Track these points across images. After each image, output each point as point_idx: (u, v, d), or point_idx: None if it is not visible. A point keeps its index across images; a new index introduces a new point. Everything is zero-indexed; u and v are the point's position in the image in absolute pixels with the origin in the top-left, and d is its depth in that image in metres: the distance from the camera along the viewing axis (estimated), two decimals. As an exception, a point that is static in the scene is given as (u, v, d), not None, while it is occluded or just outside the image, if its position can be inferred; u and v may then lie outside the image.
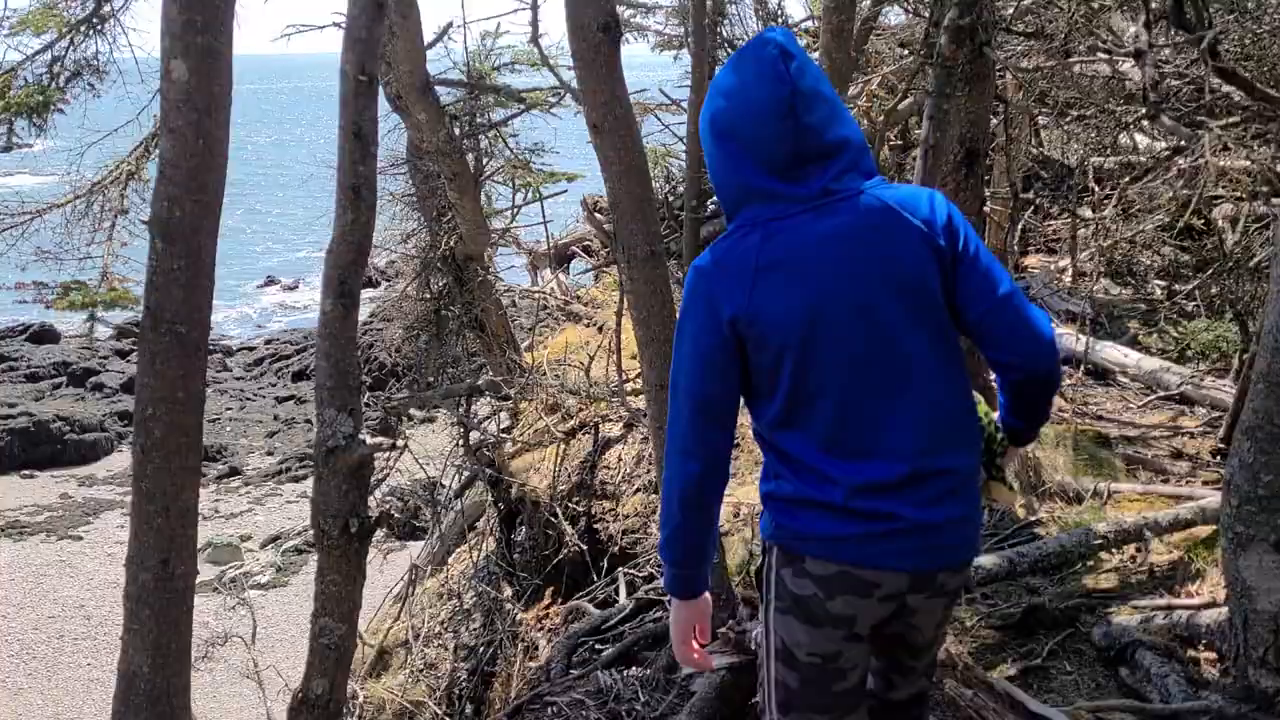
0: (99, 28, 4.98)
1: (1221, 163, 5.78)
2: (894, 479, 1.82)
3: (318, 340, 2.59)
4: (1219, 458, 4.96)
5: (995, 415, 2.06)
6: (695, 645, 2.01)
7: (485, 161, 6.78)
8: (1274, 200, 4.75)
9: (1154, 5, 3.13)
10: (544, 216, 7.84)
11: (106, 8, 4.99)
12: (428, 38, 6.22)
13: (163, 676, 2.76)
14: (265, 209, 37.21)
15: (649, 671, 3.96)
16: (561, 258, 10.19)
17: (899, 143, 9.34)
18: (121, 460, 15.52)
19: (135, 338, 18.91)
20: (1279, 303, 2.49)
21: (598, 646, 4.48)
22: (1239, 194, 5.30)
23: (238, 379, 19.52)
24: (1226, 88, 3.54)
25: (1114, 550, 4.04)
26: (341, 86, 2.57)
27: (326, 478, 2.61)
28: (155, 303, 2.61)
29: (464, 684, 6.32)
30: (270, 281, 28.04)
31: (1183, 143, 4.46)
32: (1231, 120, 3.46)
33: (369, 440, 2.59)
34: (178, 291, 2.60)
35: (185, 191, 2.51)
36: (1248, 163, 5.44)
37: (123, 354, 19.52)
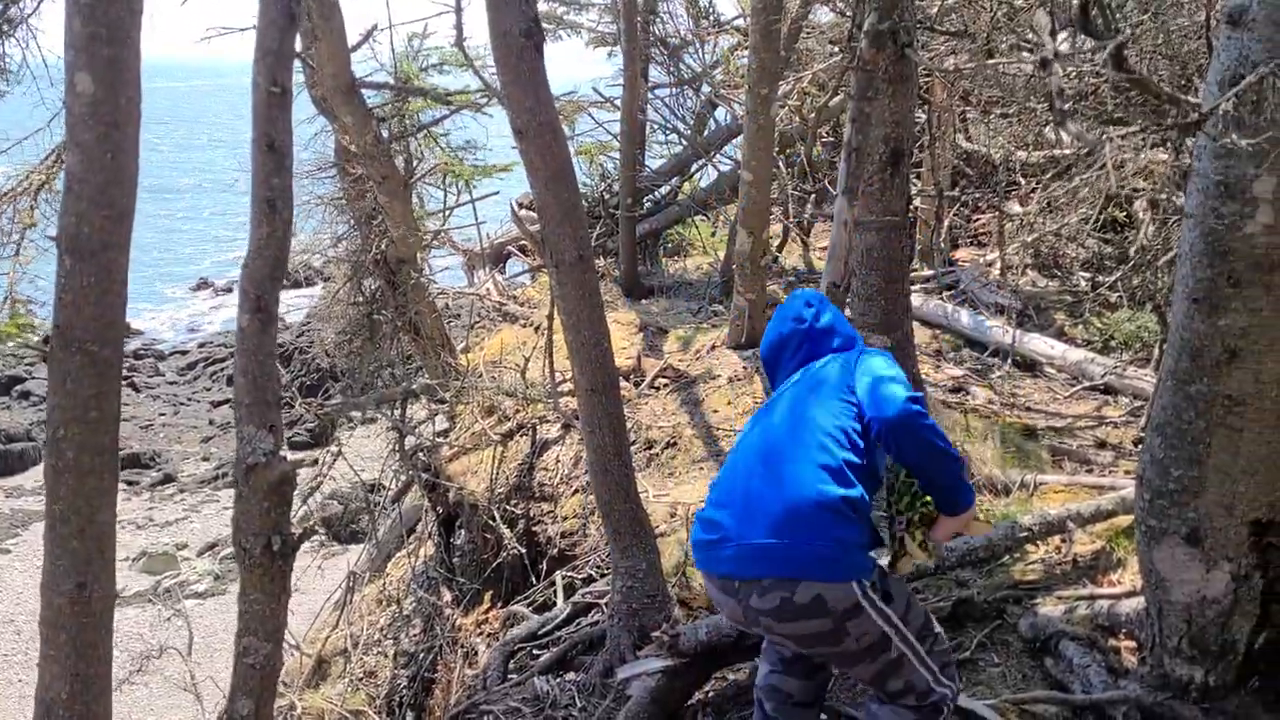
0: (8, 31, 4.82)
1: (1140, 157, 5.91)
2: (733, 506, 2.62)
3: (236, 356, 2.54)
4: (1140, 446, 5.08)
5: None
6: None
7: (415, 164, 6.70)
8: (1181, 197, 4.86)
9: (1061, 14, 3.20)
10: (477, 218, 7.78)
11: (14, 10, 4.84)
12: (352, 40, 6.13)
13: (82, 703, 2.69)
14: (197, 210, 36.45)
15: (585, 677, 3.96)
16: (497, 258, 10.13)
17: (831, 140, 9.43)
18: (50, 471, 15.13)
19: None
20: (1184, 301, 2.56)
21: (535, 652, 4.47)
22: (1149, 189, 5.43)
23: (170, 383, 19.11)
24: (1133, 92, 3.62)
25: (1040, 542, 4.12)
26: (254, 99, 2.52)
27: (247, 496, 2.57)
28: (65, 321, 2.54)
29: (404, 691, 6.26)
30: (203, 285, 27.49)
31: (1090, 152, 4.56)
32: (1131, 130, 3.54)
33: (290, 457, 2.55)
34: (88, 309, 2.53)
35: (94, 207, 2.44)
36: (1164, 157, 5.57)
37: (50, 361, 19.01)
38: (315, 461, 5.58)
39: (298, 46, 3.71)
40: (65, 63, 2.44)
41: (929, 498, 2.51)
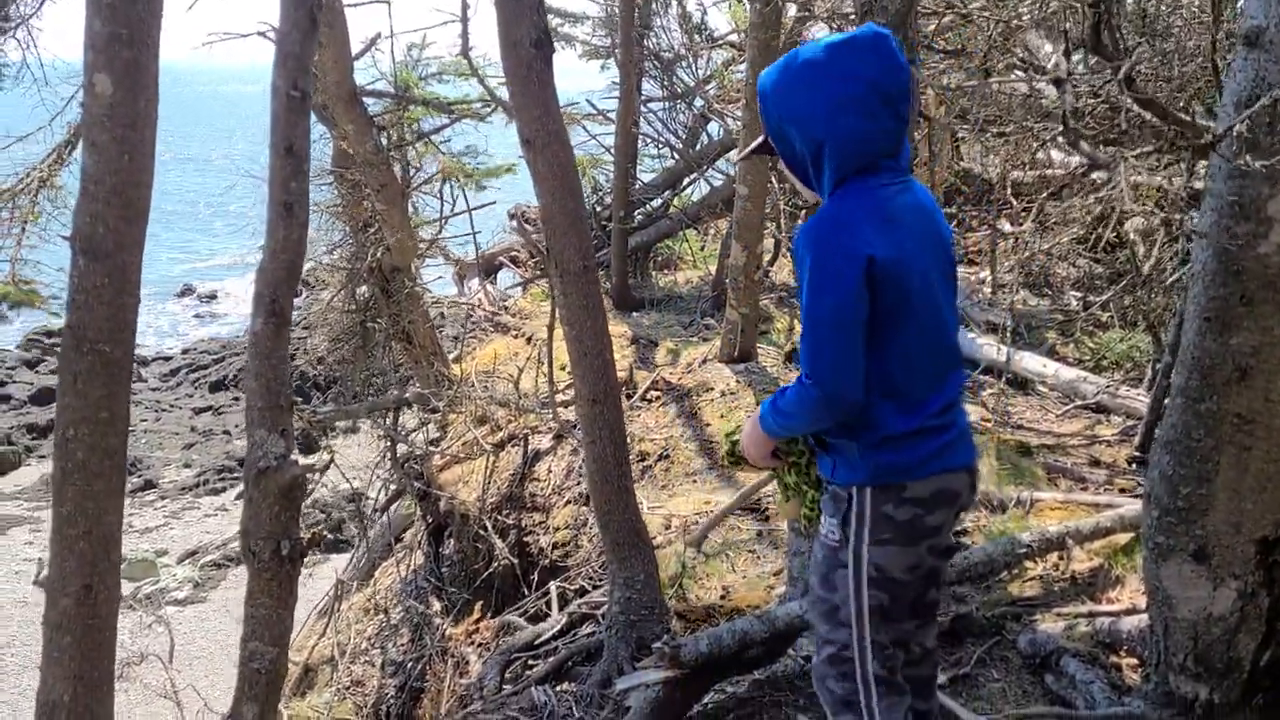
0: (8, 29, 4.81)
1: (1136, 179, 5.98)
2: (955, 398, 2.30)
3: (248, 359, 2.53)
4: (1135, 465, 5.12)
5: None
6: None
7: (413, 172, 6.70)
8: (1189, 216, 4.93)
9: (1072, 33, 3.24)
10: (472, 227, 7.78)
11: (11, 9, 4.82)
12: (355, 47, 6.13)
13: (84, 705, 2.67)
14: (181, 216, 36.27)
15: (583, 687, 3.95)
16: (489, 268, 10.12)
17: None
18: (29, 474, 14.96)
19: (44, 348, 18.26)
20: (1195, 320, 2.59)
21: (530, 662, 4.46)
22: (1150, 210, 5.49)
23: (153, 390, 18.95)
24: (1144, 114, 3.67)
25: (1038, 558, 4.14)
26: (273, 102, 2.51)
27: (257, 500, 2.55)
28: (78, 321, 2.52)
29: (392, 701, 6.22)
30: (187, 291, 27.32)
31: (1100, 170, 4.61)
32: (1146, 150, 3.58)
33: (301, 461, 2.54)
34: (101, 309, 2.51)
35: (109, 207, 2.43)
36: (1161, 180, 5.64)
37: (31, 364, 18.86)
38: (326, 467, 5.54)
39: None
40: (84, 63, 2.43)
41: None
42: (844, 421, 2.23)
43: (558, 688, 4.04)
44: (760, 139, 2.42)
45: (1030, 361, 6.56)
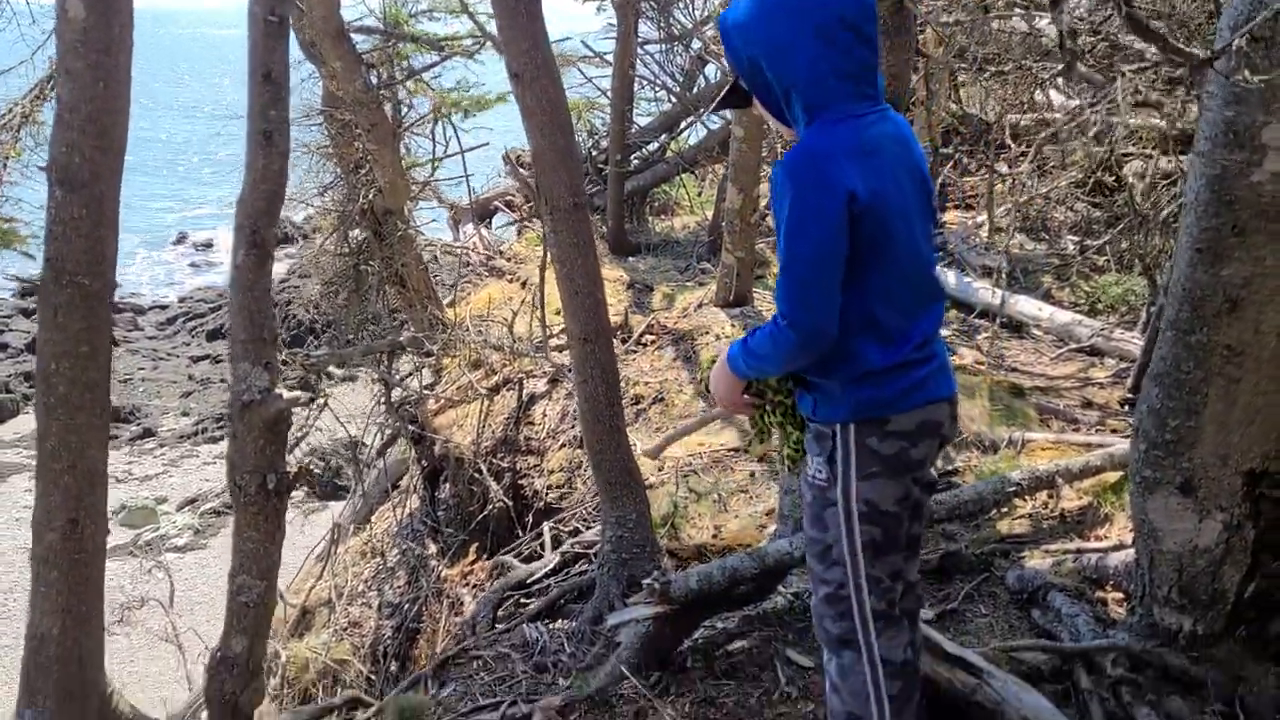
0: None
1: (1132, 120, 5.90)
2: (934, 330, 2.27)
3: (231, 292, 2.51)
4: (1127, 407, 5.12)
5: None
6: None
7: (404, 111, 6.61)
8: (1182, 155, 4.87)
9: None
10: (465, 169, 7.70)
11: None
12: (342, -18, 6.02)
13: (73, 638, 2.68)
14: (174, 163, 35.93)
15: (575, 624, 3.98)
16: (483, 213, 10.05)
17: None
18: (28, 422, 14.99)
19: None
20: (1187, 251, 2.56)
21: (523, 601, 4.49)
22: (1147, 151, 5.42)
23: (150, 338, 18.94)
24: (1139, 45, 3.61)
25: (1027, 497, 4.14)
26: (250, 29, 2.46)
27: (242, 433, 2.54)
28: (56, 254, 2.50)
29: (389, 641, 6.28)
30: (182, 238, 27.18)
31: (1096, 95, 4.54)
32: (1144, 65, 3.52)
33: (285, 394, 2.52)
34: (79, 242, 2.49)
35: (85, 136, 2.39)
36: (1158, 120, 5.57)
37: (27, 313, 18.81)
38: (310, 400, 5.52)
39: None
40: (56, -14, 2.38)
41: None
42: (820, 359, 2.19)
43: (550, 624, 4.06)
44: (728, 87, 2.36)
45: (1025, 305, 6.53)
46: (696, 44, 9.82)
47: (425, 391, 7.13)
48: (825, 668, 2.46)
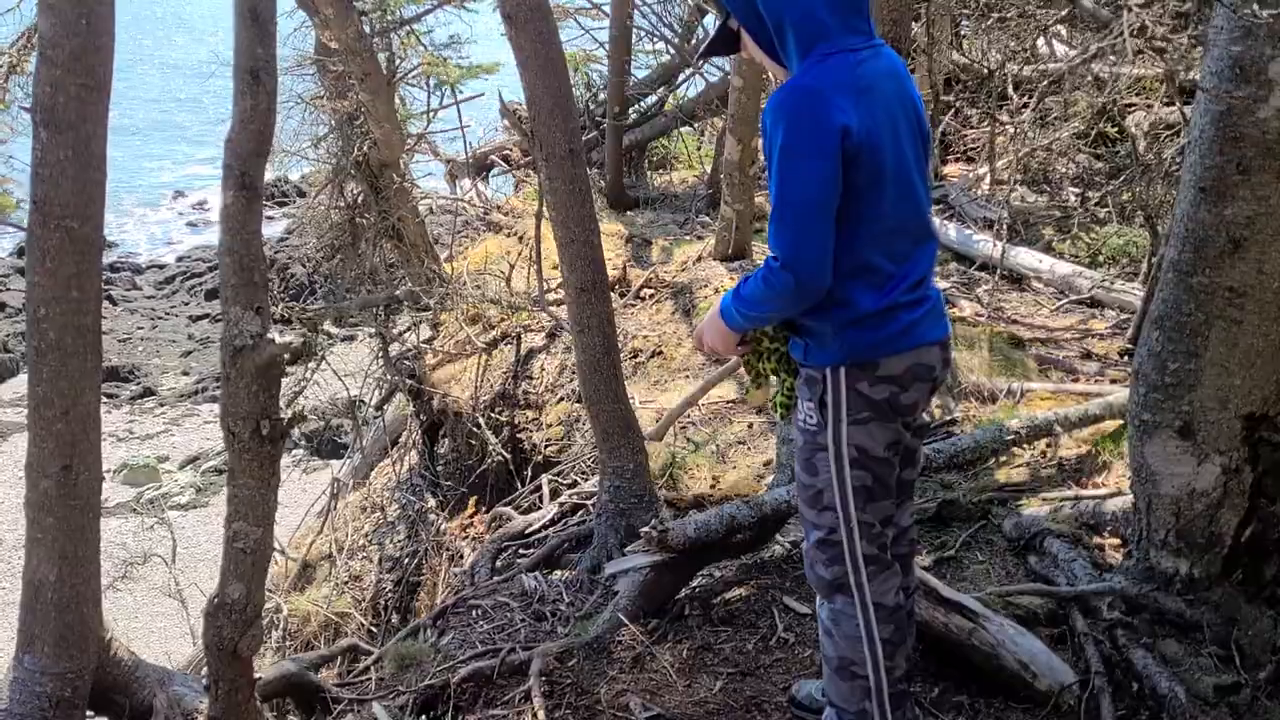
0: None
1: (1135, 70, 5.83)
2: (927, 272, 2.25)
3: (220, 236, 2.47)
4: (1126, 358, 5.10)
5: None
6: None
7: (398, 62, 6.53)
8: (1186, 106, 4.81)
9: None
10: (461, 122, 7.62)
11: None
12: (333, -72, 5.91)
13: (70, 585, 2.68)
14: (163, 123, 35.52)
15: (573, 573, 3.99)
16: (481, 167, 9.96)
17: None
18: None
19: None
20: (1190, 190, 2.52)
21: (522, 551, 4.49)
22: (1149, 102, 5.36)
23: (148, 298, 18.87)
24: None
25: (1025, 446, 4.14)
26: (236, -36, 2.41)
27: (235, 379, 2.51)
28: (43, 196, 2.46)
29: (389, 594, 6.32)
30: (178, 195, 26.99)
31: (1102, 37, 4.47)
32: None
33: (278, 339, 2.50)
34: (66, 184, 2.45)
35: (69, 74, 2.35)
36: (1160, 68, 5.49)
37: (24, 272, 18.74)
38: (305, 345, 5.49)
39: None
40: (36, -80, 2.33)
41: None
42: (812, 304, 2.16)
43: (548, 574, 4.07)
44: (716, 30, 2.31)
45: (1026, 257, 6.49)
46: (695, -5, 9.68)
47: (423, 346, 7.11)
48: (818, 613, 2.47)
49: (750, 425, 5.05)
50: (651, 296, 6.91)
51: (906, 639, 2.40)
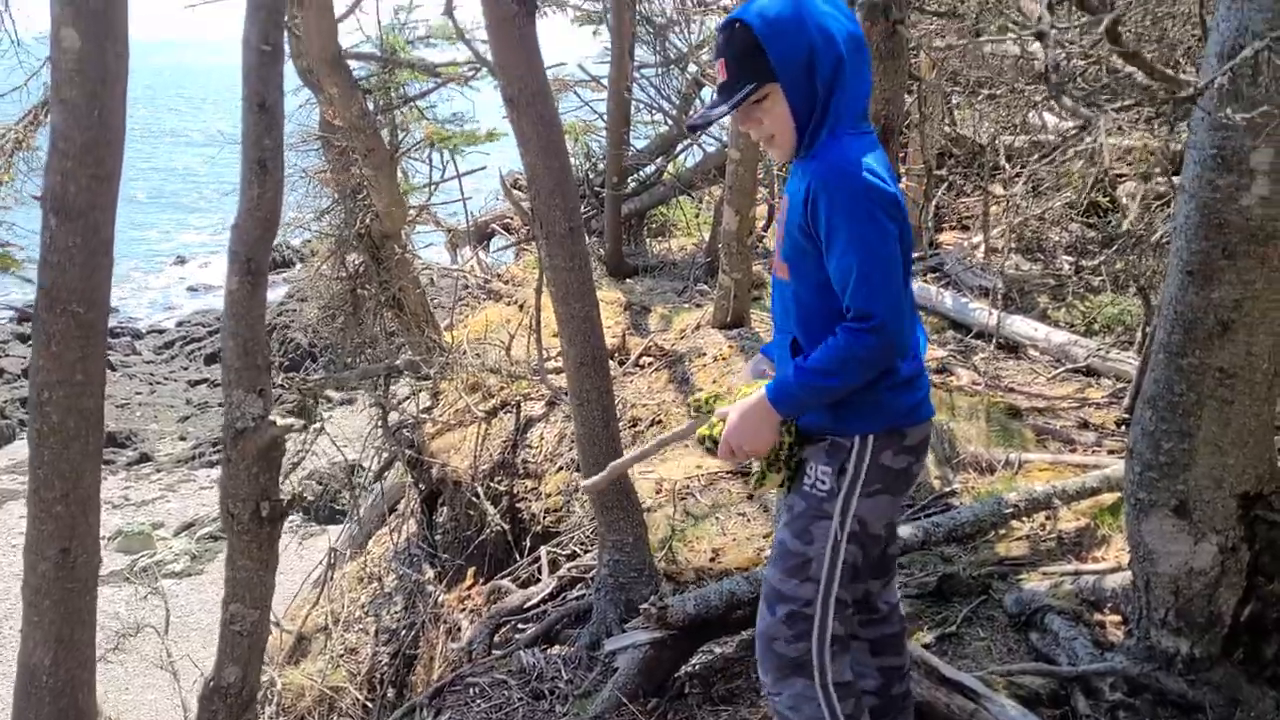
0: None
1: (1124, 142, 5.93)
2: (924, 347, 2.34)
3: (224, 319, 2.51)
4: (1123, 427, 5.12)
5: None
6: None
7: (401, 137, 6.64)
8: (1174, 179, 4.89)
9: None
10: (462, 193, 7.72)
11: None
12: (339, 10, 6.06)
13: (65, 670, 2.66)
14: (166, 192, 35.94)
15: (572, 649, 3.96)
16: (481, 235, 10.07)
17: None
18: (24, 449, 14.94)
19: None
20: (1177, 274, 2.57)
21: (520, 626, 4.46)
22: (1141, 171, 5.45)
23: (147, 362, 18.91)
24: (1128, 68, 3.64)
25: (1025, 518, 4.14)
26: (245, 57, 2.48)
27: (235, 460, 2.54)
28: (51, 283, 2.50)
29: (385, 668, 6.25)
30: (180, 261, 27.21)
31: (1083, 124, 4.57)
32: (1127, 104, 3.55)
33: (279, 421, 2.52)
34: (74, 270, 2.49)
35: (80, 165, 2.40)
36: (1151, 140, 5.59)
37: (24, 338, 18.80)
38: (305, 427, 5.52)
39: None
40: (51, 16, 2.39)
41: None
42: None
43: (546, 650, 4.04)
44: (745, 91, 2.15)
45: (1021, 325, 6.54)
46: (692, 68, 9.88)
47: (422, 415, 7.12)
48: (771, 700, 2.40)
49: (749, 496, 5.04)
50: (650, 365, 6.94)
51: (864, 711, 2.39)
